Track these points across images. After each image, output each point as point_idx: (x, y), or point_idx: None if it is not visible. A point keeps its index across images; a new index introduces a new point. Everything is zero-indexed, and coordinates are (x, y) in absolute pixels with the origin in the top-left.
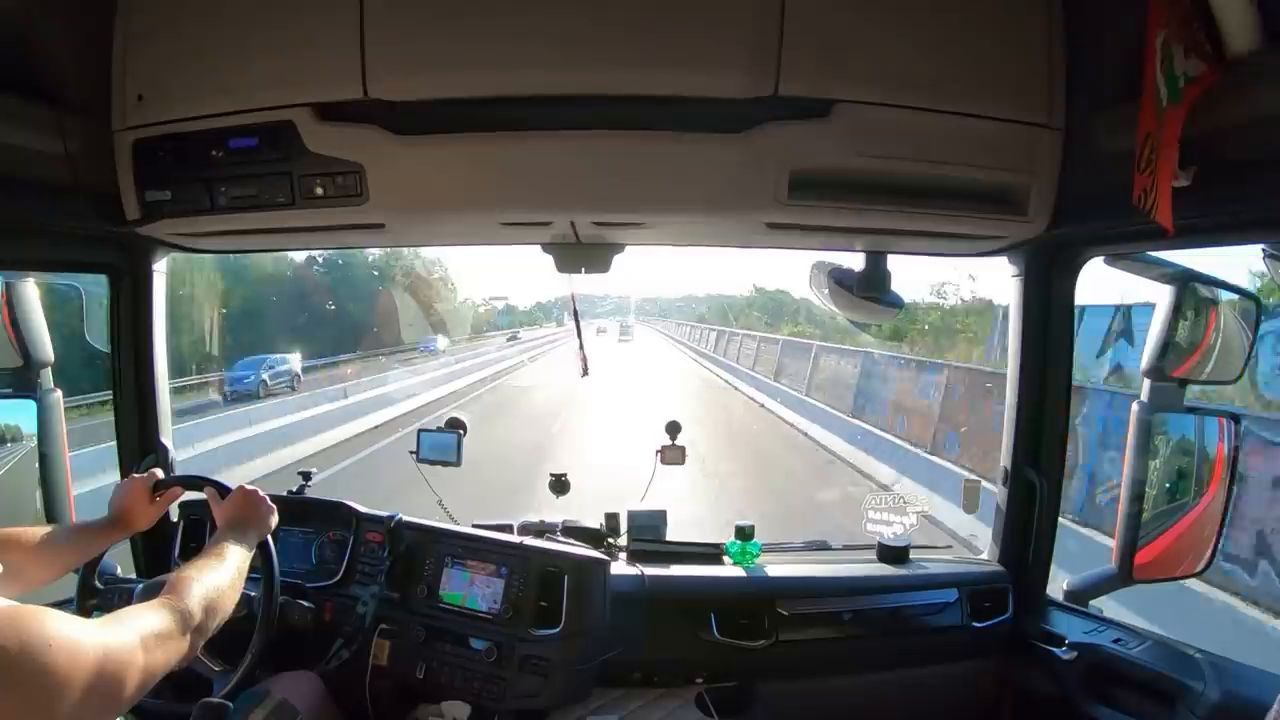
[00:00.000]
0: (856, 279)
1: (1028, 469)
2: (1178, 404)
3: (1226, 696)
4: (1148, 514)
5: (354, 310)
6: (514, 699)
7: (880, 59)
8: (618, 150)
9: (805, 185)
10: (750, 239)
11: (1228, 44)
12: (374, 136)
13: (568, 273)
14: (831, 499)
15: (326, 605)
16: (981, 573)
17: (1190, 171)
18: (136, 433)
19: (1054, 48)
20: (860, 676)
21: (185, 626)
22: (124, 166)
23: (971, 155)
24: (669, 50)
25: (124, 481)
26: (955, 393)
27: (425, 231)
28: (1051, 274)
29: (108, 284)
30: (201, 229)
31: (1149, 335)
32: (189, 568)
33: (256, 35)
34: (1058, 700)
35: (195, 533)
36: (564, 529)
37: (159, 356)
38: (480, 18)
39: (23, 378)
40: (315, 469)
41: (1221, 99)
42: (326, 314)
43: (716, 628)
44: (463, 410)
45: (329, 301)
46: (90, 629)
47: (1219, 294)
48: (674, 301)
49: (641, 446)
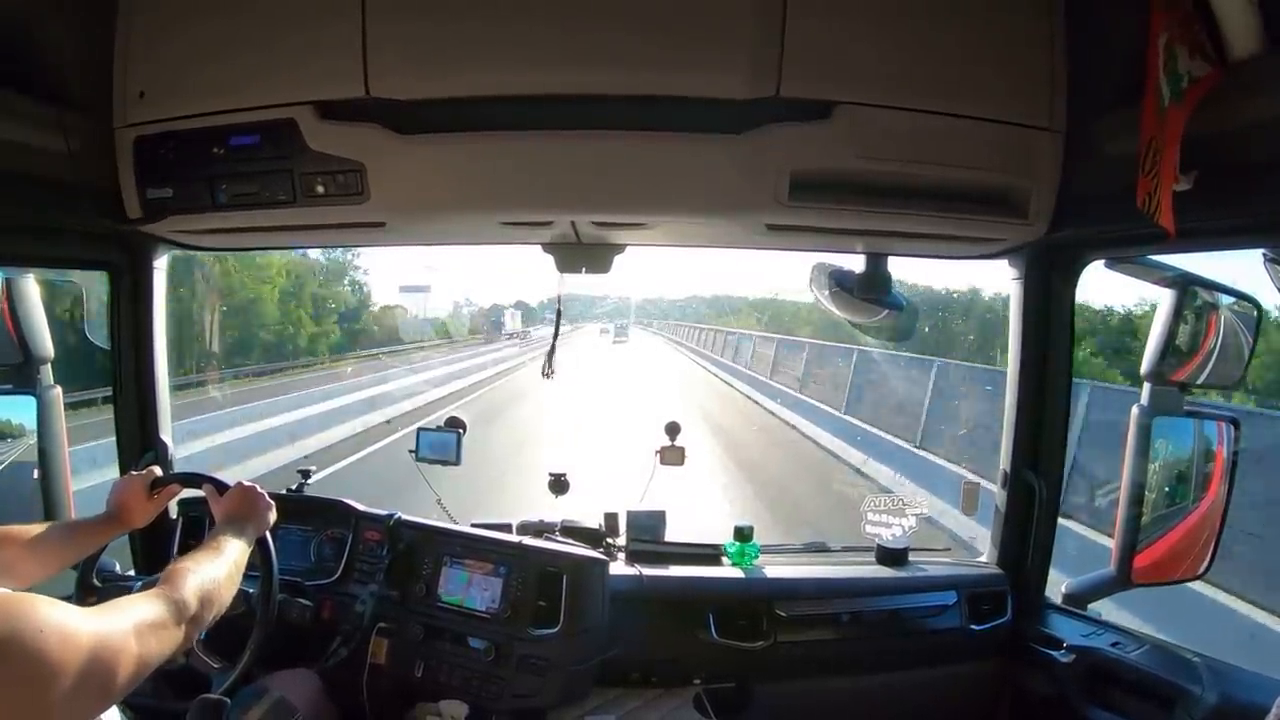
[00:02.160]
0: (857, 281)
1: (1027, 472)
2: (1177, 408)
3: (1224, 700)
4: (1147, 517)
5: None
6: (512, 698)
7: (881, 61)
8: (619, 150)
9: (806, 186)
10: (751, 240)
11: (1229, 49)
12: (375, 135)
13: (568, 273)
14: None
15: (325, 603)
16: (980, 575)
17: (1191, 175)
18: (137, 429)
19: (1055, 51)
20: (858, 678)
21: (180, 617)
22: (125, 164)
23: (972, 157)
24: (671, 51)
25: (122, 479)
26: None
27: (426, 231)
28: (1052, 277)
29: (108, 281)
30: (202, 226)
31: (1149, 339)
32: (186, 560)
33: (258, 33)
34: (1056, 703)
35: (194, 530)
36: (563, 529)
37: (159, 354)
38: (482, 17)
39: (23, 374)
40: (312, 467)
41: (1222, 103)
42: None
43: (715, 628)
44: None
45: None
46: (84, 617)
47: (1219, 298)
48: (676, 302)
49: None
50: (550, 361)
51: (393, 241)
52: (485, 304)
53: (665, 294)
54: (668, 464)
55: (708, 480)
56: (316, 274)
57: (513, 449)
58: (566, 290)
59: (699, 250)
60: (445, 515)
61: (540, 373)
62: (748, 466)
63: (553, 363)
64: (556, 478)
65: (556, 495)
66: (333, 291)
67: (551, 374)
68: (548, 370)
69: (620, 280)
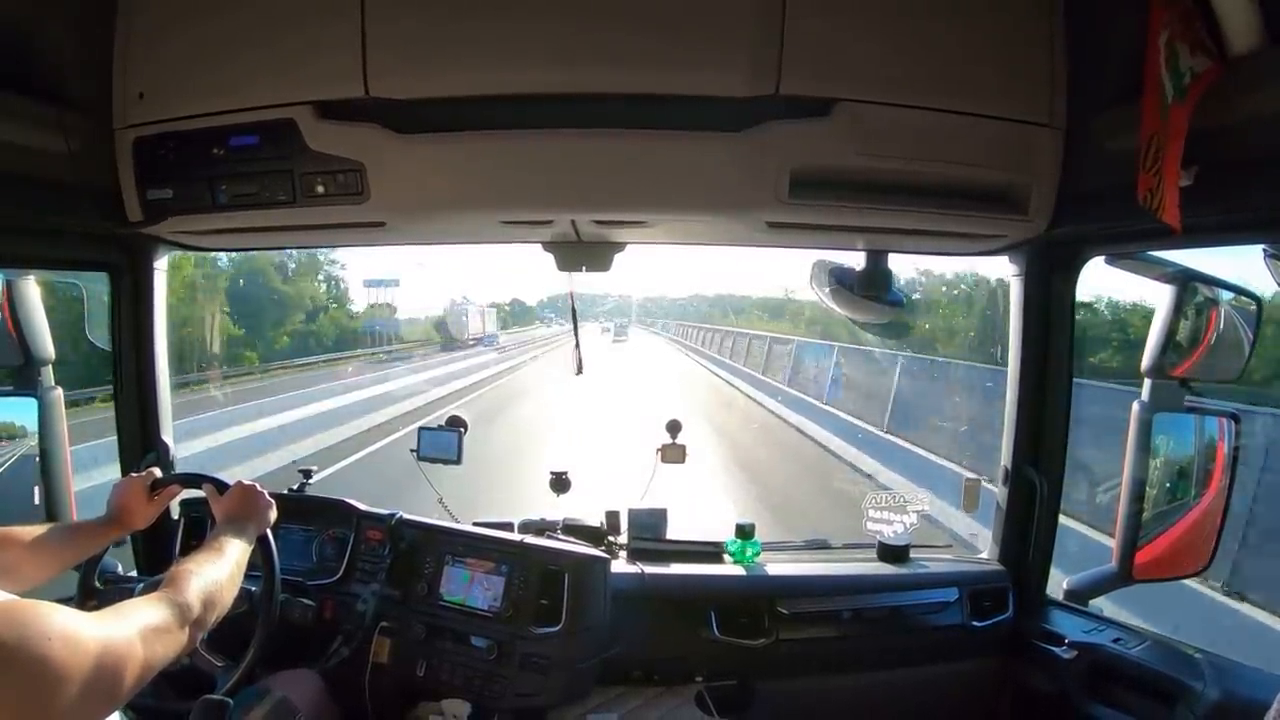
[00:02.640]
0: (857, 278)
1: (1028, 468)
2: (1178, 403)
3: (1226, 696)
4: (1148, 513)
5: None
6: (514, 697)
7: (881, 58)
8: (619, 149)
9: (806, 184)
10: (751, 238)
11: (1229, 44)
12: (375, 135)
13: (568, 271)
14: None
15: (327, 603)
16: (982, 572)
17: (1192, 171)
18: (137, 430)
19: (1055, 47)
20: (860, 675)
21: (184, 620)
22: (125, 164)
23: (972, 154)
24: (670, 49)
25: (122, 480)
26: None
27: (426, 230)
28: (1052, 273)
29: (109, 281)
30: (203, 227)
31: (1150, 335)
32: (188, 562)
33: (258, 33)
34: (1057, 699)
35: (196, 531)
36: (564, 527)
37: (160, 354)
38: (482, 16)
39: (24, 375)
40: (315, 467)
41: (1222, 99)
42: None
43: (716, 626)
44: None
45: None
46: (89, 622)
47: (1219, 293)
48: (678, 301)
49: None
50: (579, 361)
51: (393, 241)
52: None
53: (668, 293)
54: (669, 462)
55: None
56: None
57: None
58: (576, 288)
59: (700, 248)
60: (447, 514)
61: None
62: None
63: (580, 361)
64: (558, 476)
65: (558, 494)
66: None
67: (580, 372)
68: (578, 368)
69: (621, 279)
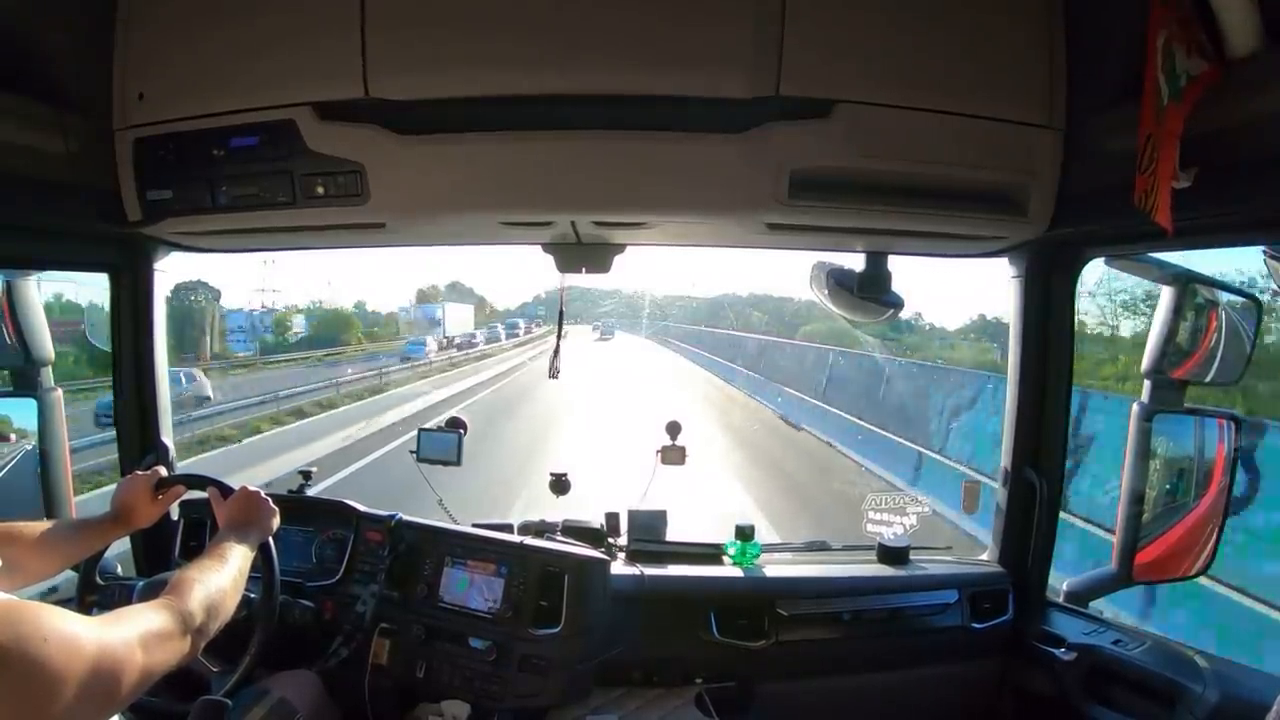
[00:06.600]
0: (857, 279)
1: (1027, 470)
2: (1178, 405)
3: (1225, 698)
4: (1148, 515)
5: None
6: (514, 698)
7: (881, 59)
8: (618, 150)
9: (806, 185)
10: (751, 239)
11: (1228, 45)
12: (375, 136)
13: (568, 272)
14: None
15: (326, 604)
16: (981, 573)
17: (1191, 172)
18: (138, 430)
19: (1055, 48)
20: (860, 677)
21: (186, 627)
22: (125, 165)
23: (972, 156)
24: (670, 50)
25: (127, 478)
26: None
27: (426, 231)
28: (1052, 275)
29: (109, 282)
30: (202, 228)
31: (1150, 336)
32: (191, 568)
33: (257, 34)
34: (1057, 701)
35: (196, 532)
36: (564, 529)
37: (160, 355)
38: (481, 17)
39: (24, 376)
40: (315, 468)
41: (1222, 100)
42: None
43: (716, 627)
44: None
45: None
46: (89, 626)
47: (1219, 295)
48: (707, 300)
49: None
50: (555, 363)
51: (393, 242)
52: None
53: (674, 291)
54: (669, 464)
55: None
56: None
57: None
58: (576, 284)
59: (699, 248)
60: (446, 516)
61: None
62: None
63: (556, 365)
64: (557, 478)
65: (557, 495)
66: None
67: (555, 376)
68: (553, 371)
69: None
